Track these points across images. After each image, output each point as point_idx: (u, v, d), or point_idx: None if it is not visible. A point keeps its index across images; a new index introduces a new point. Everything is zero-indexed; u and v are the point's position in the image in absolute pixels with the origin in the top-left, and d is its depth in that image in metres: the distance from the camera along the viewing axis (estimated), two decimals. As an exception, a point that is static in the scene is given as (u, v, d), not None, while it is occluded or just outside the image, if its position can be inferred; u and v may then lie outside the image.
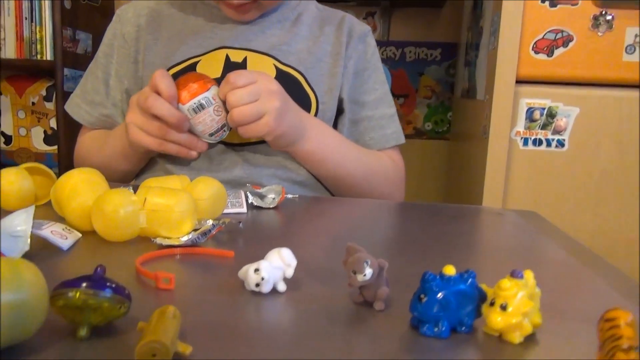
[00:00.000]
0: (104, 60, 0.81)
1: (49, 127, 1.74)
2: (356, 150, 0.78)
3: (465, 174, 1.46)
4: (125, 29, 0.80)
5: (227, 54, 0.76)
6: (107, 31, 0.83)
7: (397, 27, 1.82)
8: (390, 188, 0.82)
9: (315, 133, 0.72)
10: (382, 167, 0.81)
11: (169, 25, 0.79)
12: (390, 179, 0.82)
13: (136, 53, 0.79)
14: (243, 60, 0.75)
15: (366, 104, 0.82)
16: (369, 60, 0.83)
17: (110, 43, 0.81)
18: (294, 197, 0.69)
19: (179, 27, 0.79)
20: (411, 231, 0.58)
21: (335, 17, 0.84)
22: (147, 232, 0.47)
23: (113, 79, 0.81)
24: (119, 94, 0.80)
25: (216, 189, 0.54)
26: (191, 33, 0.78)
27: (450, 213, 0.67)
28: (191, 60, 0.76)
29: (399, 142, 0.84)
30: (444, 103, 1.85)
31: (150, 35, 0.79)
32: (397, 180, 0.84)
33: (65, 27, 1.57)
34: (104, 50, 0.82)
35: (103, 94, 0.81)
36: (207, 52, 0.76)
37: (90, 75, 0.83)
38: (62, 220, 0.49)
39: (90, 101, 0.82)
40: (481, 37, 1.32)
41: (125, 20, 0.81)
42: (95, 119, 0.82)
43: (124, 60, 0.80)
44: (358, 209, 0.69)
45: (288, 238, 0.52)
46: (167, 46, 0.78)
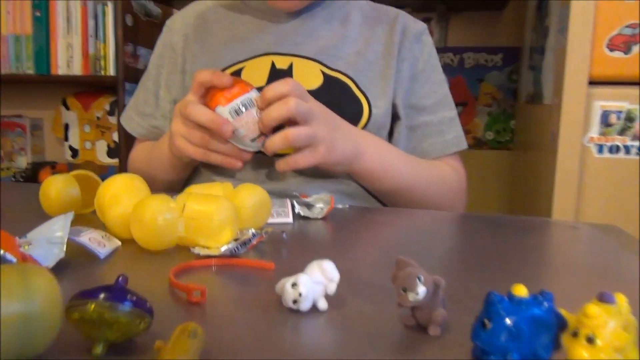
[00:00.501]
0: (154, 72, 0.82)
1: (112, 140, 1.80)
2: (414, 162, 0.73)
3: (532, 186, 1.36)
4: (174, 39, 0.80)
5: (272, 60, 0.73)
6: (157, 42, 0.84)
7: (455, 33, 1.75)
8: (452, 199, 0.77)
9: (371, 150, 0.68)
10: (442, 178, 0.76)
11: (215, 32, 0.78)
12: (451, 189, 0.77)
13: (184, 62, 0.79)
14: (289, 67, 0.73)
15: (424, 109, 0.77)
16: (426, 61, 0.78)
17: (160, 54, 0.82)
18: (344, 207, 0.65)
19: (224, 34, 0.78)
20: (473, 245, 0.52)
21: (387, 15, 0.79)
22: (186, 240, 0.44)
23: (162, 90, 0.81)
24: (168, 104, 0.80)
25: (260, 197, 0.51)
26: (237, 39, 0.76)
27: (517, 225, 0.60)
28: (236, 66, 0.74)
29: (460, 148, 0.78)
30: (506, 111, 1.76)
31: (197, 45, 0.78)
32: (458, 190, 0.78)
33: (126, 43, 1.63)
34: (155, 61, 0.82)
35: (153, 105, 0.81)
36: (252, 58, 0.74)
37: (142, 87, 0.84)
38: (105, 227, 0.48)
39: (141, 113, 0.82)
40: (547, 38, 1.23)
41: (174, 30, 0.81)
42: (146, 130, 0.82)
43: (173, 71, 0.80)
44: (414, 220, 0.64)
45: (335, 250, 0.48)
46: (213, 53, 0.77)
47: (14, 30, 1.74)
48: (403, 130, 0.77)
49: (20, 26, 1.73)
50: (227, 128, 0.60)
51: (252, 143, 0.63)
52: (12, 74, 1.74)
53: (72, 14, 1.68)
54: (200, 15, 0.81)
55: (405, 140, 0.77)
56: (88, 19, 1.67)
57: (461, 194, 0.79)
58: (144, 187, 0.50)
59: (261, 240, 0.45)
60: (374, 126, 0.73)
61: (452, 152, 0.78)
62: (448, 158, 0.78)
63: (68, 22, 1.69)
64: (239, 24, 0.78)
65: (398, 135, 0.77)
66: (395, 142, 0.77)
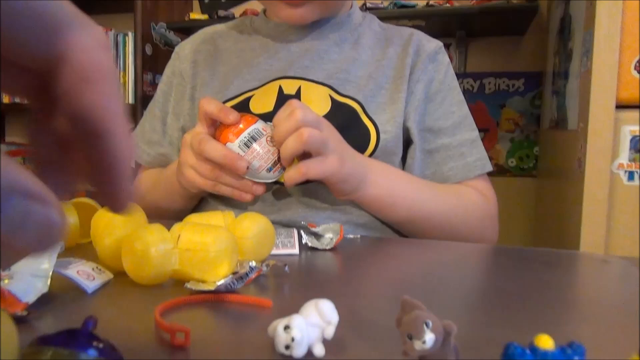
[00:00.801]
0: (162, 99, 0.81)
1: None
2: (431, 189, 0.69)
3: (558, 215, 1.30)
4: (182, 66, 0.79)
5: (280, 85, 0.71)
6: (165, 69, 0.83)
7: (475, 58, 1.72)
8: (480, 227, 0.72)
9: (379, 176, 0.65)
10: (466, 204, 0.71)
11: (224, 59, 0.77)
12: (478, 215, 0.72)
13: (192, 90, 0.77)
14: (297, 92, 0.71)
15: (443, 131, 0.73)
16: (442, 81, 0.74)
17: (168, 81, 0.81)
18: (355, 237, 0.61)
19: (233, 61, 0.77)
20: (494, 281, 0.48)
21: (400, 36, 0.77)
22: (181, 274, 0.41)
23: (170, 117, 0.79)
24: (176, 131, 0.79)
25: (263, 226, 0.48)
26: (246, 65, 0.75)
27: (543, 259, 0.56)
28: (245, 94, 0.72)
29: (484, 170, 0.73)
30: (530, 137, 1.71)
31: (206, 72, 0.77)
32: (487, 216, 0.73)
33: (145, 71, 1.66)
34: (163, 88, 0.81)
35: (160, 133, 0.80)
36: (261, 85, 0.73)
37: (148, 114, 0.82)
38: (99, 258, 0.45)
39: (148, 140, 0.81)
40: (571, 61, 1.19)
41: (182, 57, 0.80)
42: (152, 158, 0.81)
43: (181, 98, 0.78)
44: (430, 252, 0.59)
45: (341, 285, 0.45)
46: (223, 81, 0.75)
47: (38, 60, 1.78)
48: (418, 154, 0.73)
49: (44, 56, 1.77)
50: (242, 164, 0.57)
51: (269, 174, 0.60)
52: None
53: (93, 44, 1.72)
54: (209, 41, 0.80)
55: (422, 165, 0.73)
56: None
57: (491, 221, 0.74)
58: (140, 216, 0.47)
59: (260, 274, 0.42)
60: (383, 152, 0.69)
61: (475, 176, 0.73)
62: (474, 182, 0.73)
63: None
64: (248, 50, 0.77)
65: (412, 161, 0.73)
66: (410, 168, 0.73)
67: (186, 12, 1.79)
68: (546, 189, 1.54)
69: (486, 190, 0.74)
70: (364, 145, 0.69)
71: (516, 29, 1.61)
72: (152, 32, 1.69)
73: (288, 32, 0.75)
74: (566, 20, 1.26)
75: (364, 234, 0.68)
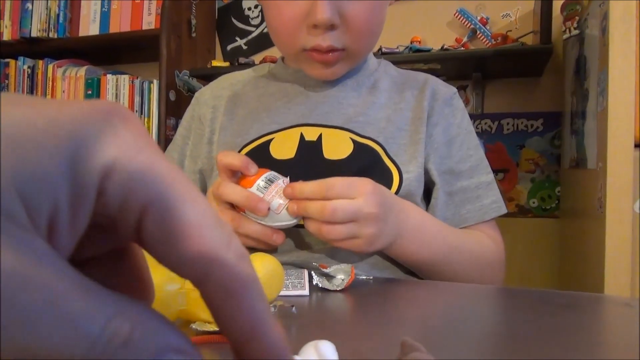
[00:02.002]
0: (180, 142, 0.82)
1: (152, 209, 1.84)
2: (453, 235, 0.69)
3: (582, 257, 1.26)
4: (202, 111, 0.81)
5: (301, 132, 0.72)
6: (185, 114, 0.85)
7: (492, 99, 1.73)
8: (491, 274, 0.72)
9: (410, 231, 0.65)
10: (482, 251, 0.71)
11: (244, 104, 0.79)
12: (491, 262, 0.71)
13: (211, 134, 0.79)
14: (318, 138, 0.72)
15: (461, 174, 0.74)
16: (458, 125, 0.76)
17: (188, 125, 0.83)
18: (368, 278, 0.61)
19: (252, 105, 0.78)
20: (512, 325, 0.47)
21: (416, 80, 0.78)
22: (187, 314, 0.41)
23: (188, 160, 0.81)
24: (193, 174, 0.80)
25: (271, 267, 0.48)
26: (265, 110, 0.76)
27: (565, 302, 0.54)
28: (265, 137, 0.73)
29: (499, 213, 0.73)
30: (550, 177, 1.68)
31: (225, 116, 0.78)
32: (497, 262, 0.73)
33: (169, 117, 1.71)
34: (182, 132, 0.83)
35: None
36: (281, 129, 0.74)
37: (167, 157, 0.83)
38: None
39: None
40: (588, 101, 1.19)
41: (202, 102, 0.82)
42: None
43: (199, 141, 0.80)
44: (445, 294, 0.58)
45: (349, 327, 0.44)
46: (241, 125, 0.77)
47: (68, 107, 1.86)
48: (442, 196, 0.73)
49: (74, 104, 1.85)
50: (263, 206, 0.57)
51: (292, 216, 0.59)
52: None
53: (120, 91, 1.79)
54: (228, 87, 0.82)
55: (443, 206, 0.73)
56: (135, 96, 1.77)
57: (501, 267, 0.73)
58: (146, 254, 0.48)
59: (266, 315, 0.41)
60: (406, 193, 0.70)
61: (490, 219, 0.73)
62: (485, 226, 0.73)
63: (116, 99, 1.80)
64: (266, 95, 0.79)
65: (435, 201, 0.73)
66: (433, 209, 0.73)
67: (209, 60, 1.86)
68: (569, 230, 1.50)
69: (496, 235, 0.74)
70: (387, 186, 0.69)
71: (532, 70, 1.62)
72: (176, 79, 1.75)
73: (306, 78, 0.77)
74: (581, 60, 1.27)
75: (378, 273, 0.67)
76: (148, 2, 1.79)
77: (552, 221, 1.67)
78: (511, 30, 1.63)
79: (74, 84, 1.85)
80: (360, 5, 0.66)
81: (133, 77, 1.80)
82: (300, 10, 0.66)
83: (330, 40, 0.67)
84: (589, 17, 1.19)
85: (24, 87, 1.93)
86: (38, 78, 1.91)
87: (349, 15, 0.66)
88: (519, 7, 1.65)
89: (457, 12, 1.70)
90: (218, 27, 2.02)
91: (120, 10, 1.82)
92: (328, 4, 0.64)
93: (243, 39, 1.97)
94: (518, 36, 1.58)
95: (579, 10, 1.27)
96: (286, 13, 0.67)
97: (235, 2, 2.00)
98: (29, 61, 1.95)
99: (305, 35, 0.68)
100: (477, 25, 1.66)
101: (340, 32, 0.67)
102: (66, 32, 1.89)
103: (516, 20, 1.65)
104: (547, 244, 1.67)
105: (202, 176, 0.79)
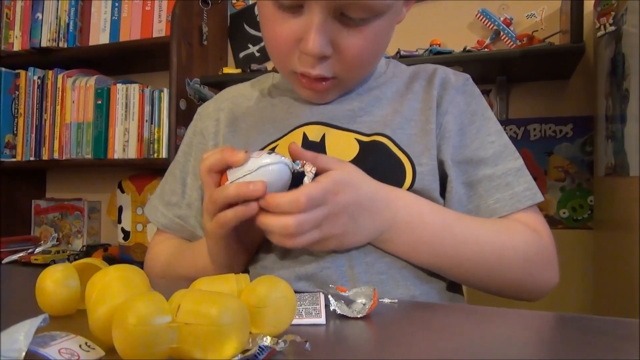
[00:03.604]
0: (182, 159, 0.79)
1: (163, 222, 1.79)
2: (469, 229, 0.62)
3: (621, 271, 1.16)
4: (204, 125, 0.77)
5: (304, 132, 0.68)
6: (187, 130, 0.81)
7: (517, 104, 1.64)
8: (532, 269, 0.63)
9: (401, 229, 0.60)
10: (514, 242, 0.62)
11: (246, 116, 0.75)
12: (529, 255, 0.63)
13: (215, 147, 0.75)
14: (321, 140, 0.66)
15: (483, 161, 0.66)
16: (474, 112, 0.69)
17: (189, 142, 0.79)
18: (393, 302, 0.53)
19: (255, 116, 0.74)
20: (547, 354, 0.38)
21: (425, 71, 0.73)
22: (180, 352, 0.34)
23: (190, 177, 0.77)
24: (195, 191, 0.76)
25: (281, 293, 0.40)
26: (269, 121, 0.72)
27: (599, 329, 0.45)
28: (269, 146, 0.69)
29: (535, 201, 0.65)
30: (582, 185, 1.58)
31: (228, 128, 0.75)
32: (539, 255, 0.64)
33: (179, 126, 1.66)
34: (184, 149, 0.79)
35: (179, 194, 0.77)
36: (285, 135, 0.69)
37: (169, 176, 0.80)
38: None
39: (166, 202, 0.78)
40: (627, 102, 1.10)
41: (204, 115, 0.79)
42: (169, 220, 0.77)
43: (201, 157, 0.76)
44: (478, 321, 0.50)
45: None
46: (245, 137, 0.73)
47: (77, 118, 1.82)
48: (459, 189, 0.66)
49: (84, 114, 1.82)
50: (257, 186, 0.51)
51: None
52: (72, 159, 1.81)
53: (130, 100, 1.75)
54: (231, 99, 0.78)
55: (464, 199, 0.66)
56: (145, 105, 1.73)
57: (547, 261, 0.65)
58: (140, 281, 0.41)
59: (272, 355, 0.34)
60: (421, 188, 0.63)
61: (526, 207, 0.65)
62: (523, 215, 0.65)
63: (126, 109, 1.75)
64: (269, 107, 0.75)
65: (450, 195, 0.66)
66: (450, 203, 0.66)
67: (220, 67, 1.81)
68: (605, 242, 1.40)
69: (538, 224, 0.65)
70: (400, 181, 0.63)
71: (561, 72, 1.53)
72: (187, 87, 1.70)
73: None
74: (618, 59, 1.18)
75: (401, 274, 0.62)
76: (158, 9, 1.75)
77: (585, 232, 1.57)
78: (537, 31, 1.55)
79: (84, 94, 1.82)
80: (357, 38, 0.60)
81: (143, 86, 1.76)
82: (292, 33, 0.61)
83: (320, 70, 0.62)
84: (627, 12, 1.10)
85: (34, 98, 1.90)
86: (48, 88, 1.88)
87: (342, 46, 0.60)
88: (544, 6, 1.57)
89: (479, 12, 1.62)
90: (230, 34, 1.97)
91: (131, 18, 1.79)
92: (320, 36, 0.58)
93: (255, 46, 1.92)
94: (545, 36, 1.49)
95: (615, 6, 1.18)
96: (279, 34, 0.62)
97: (248, 9, 1.95)
98: (39, 72, 1.92)
99: (296, 59, 0.63)
100: (501, 26, 1.58)
101: (332, 62, 0.62)
102: (76, 42, 1.86)
103: (542, 20, 1.57)
104: (580, 257, 1.56)
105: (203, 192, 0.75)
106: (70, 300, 0.46)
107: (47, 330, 0.35)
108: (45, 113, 1.87)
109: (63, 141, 1.83)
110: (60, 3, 1.85)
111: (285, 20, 0.60)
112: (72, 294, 0.47)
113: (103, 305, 0.37)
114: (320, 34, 0.58)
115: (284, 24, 0.61)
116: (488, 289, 0.64)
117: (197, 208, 0.75)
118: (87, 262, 0.49)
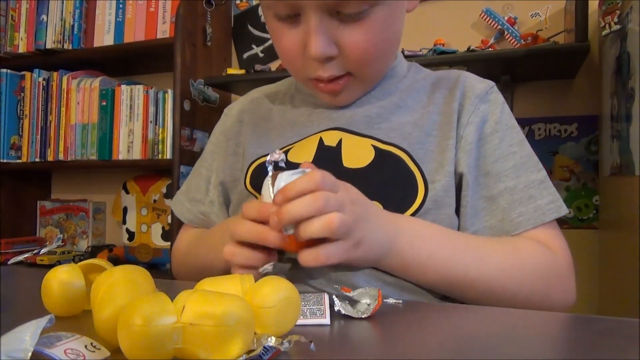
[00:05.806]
0: (209, 158, 0.81)
1: (167, 223, 1.79)
2: (476, 248, 0.61)
3: (627, 270, 1.16)
4: (229, 124, 0.80)
5: (320, 137, 0.67)
6: (214, 129, 0.84)
7: (522, 103, 1.63)
8: (543, 288, 0.62)
9: (406, 244, 0.58)
10: (524, 261, 0.61)
11: (268, 118, 0.77)
12: (540, 273, 0.62)
13: (236, 146, 0.77)
14: (337, 144, 0.66)
15: (504, 173, 0.65)
16: (497, 121, 0.67)
17: (216, 141, 0.81)
18: (397, 302, 0.53)
19: (276, 119, 0.75)
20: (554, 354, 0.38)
21: (448, 79, 0.71)
22: (185, 353, 0.34)
23: (214, 176, 0.79)
24: (216, 189, 0.78)
25: (286, 294, 0.40)
26: (289, 125, 0.73)
27: (603, 329, 0.45)
28: (285, 148, 0.69)
29: (560, 214, 0.63)
30: (587, 185, 1.58)
31: (249, 127, 0.77)
32: (552, 274, 0.63)
33: (183, 127, 1.66)
34: (210, 148, 0.82)
35: (203, 191, 0.80)
36: (302, 139, 0.69)
37: (195, 173, 0.83)
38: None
39: (192, 199, 0.81)
40: (632, 101, 1.09)
41: (230, 116, 0.81)
42: (194, 216, 0.80)
43: (225, 155, 0.78)
44: (481, 320, 0.50)
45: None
46: (265, 138, 0.74)
47: (82, 119, 1.83)
48: (479, 202, 0.65)
49: (88, 115, 1.82)
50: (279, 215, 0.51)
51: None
52: (77, 160, 1.82)
53: (134, 101, 1.75)
54: (255, 101, 0.81)
55: (484, 214, 0.64)
56: (149, 106, 1.73)
57: (559, 280, 0.63)
58: (145, 281, 0.41)
59: (277, 355, 0.34)
60: (434, 204, 0.62)
61: (550, 220, 0.63)
62: (537, 232, 0.63)
63: (131, 110, 1.76)
64: (291, 110, 0.75)
65: (464, 210, 0.64)
66: (466, 218, 0.65)
67: (224, 68, 1.81)
68: (610, 242, 1.39)
69: (555, 241, 0.64)
70: (412, 196, 0.62)
71: (566, 71, 1.52)
72: (191, 88, 1.71)
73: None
74: (623, 58, 1.17)
75: (403, 295, 0.59)
76: (163, 11, 1.76)
77: (591, 232, 1.56)
78: (541, 30, 1.54)
79: (89, 96, 1.82)
80: (358, 32, 0.60)
81: (147, 87, 1.77)
82: (296, 42, 0.62)
83: (330, 70, 0.63)
84: (632, 10, 1.10)
85: (39, 100, 1.91)
86: (53, 90, 1.89)
87: (346, 44, 0.60)
88: (549, 5, 1.56)
89: (483, 12, 1.62)
90: (234, 35, 1.97)
91: (135, 19, 1.79)
92: (320, 38, 0.59)
93: (259, 47, 1.92)
94: (549, 36, 1.49)
95: (620, 4, 1.18)
96: (285, 45, 0.63)
97: (251, 9, 1.95)
98: (44, 73, 1.93)
99: (306, 66, 0.64)
100: (505, 26, 1.58)
101: (340, 60, 0.62)
102: (81, 43, 1.87)
103: (546, 20, 1.56)
104: (586, 257, 1.55)
105: (223, 188, 0.77)
106: (75, 301, 0.47)
107: (53, 331, 0.35)
108: (50, 114, 1.88)
109: (68, 142, 1.84)
110: (65, 5, 1.86)
111: (288, 30, 0.62)
112: (78, 295, 0.47)
113: (108, 306, 0.38)
114: (319, 37, 0.59)
115: (287, 34, 0.62)
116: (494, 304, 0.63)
117: (218, 204, 0.77)
118: (93, 262, 0.50)
